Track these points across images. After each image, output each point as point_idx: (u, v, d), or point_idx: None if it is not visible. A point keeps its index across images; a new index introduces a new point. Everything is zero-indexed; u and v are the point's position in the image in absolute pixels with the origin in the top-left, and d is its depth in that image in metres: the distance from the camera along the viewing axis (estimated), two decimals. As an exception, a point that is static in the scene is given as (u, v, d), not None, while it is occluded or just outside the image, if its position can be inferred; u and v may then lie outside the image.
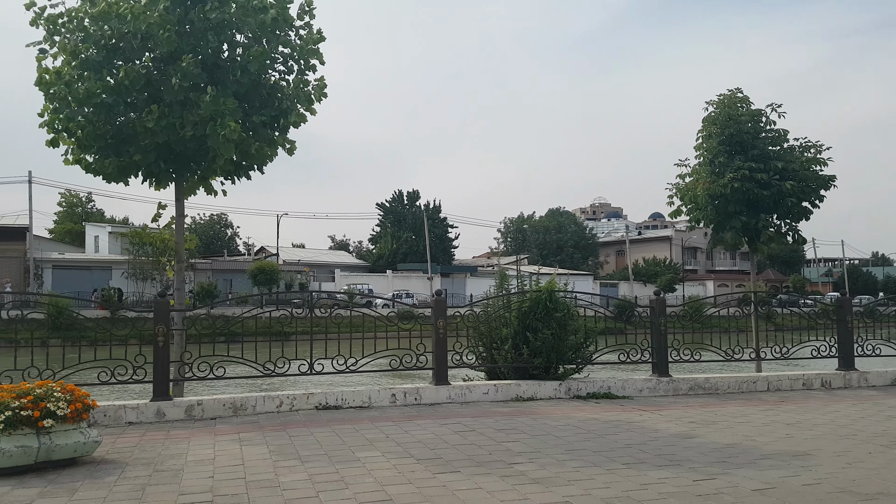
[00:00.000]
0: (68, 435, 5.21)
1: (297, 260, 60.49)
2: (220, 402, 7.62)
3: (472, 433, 6.48)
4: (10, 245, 47.11)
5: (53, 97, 7.23)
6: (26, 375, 6.89)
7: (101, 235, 55.59)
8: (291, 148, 8.65)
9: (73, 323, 28.30)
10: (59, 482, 4.84)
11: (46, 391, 5.18)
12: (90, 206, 72.24)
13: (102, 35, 7.15)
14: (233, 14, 7.51)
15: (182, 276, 8.66)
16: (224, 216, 77.15)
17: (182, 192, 8.47)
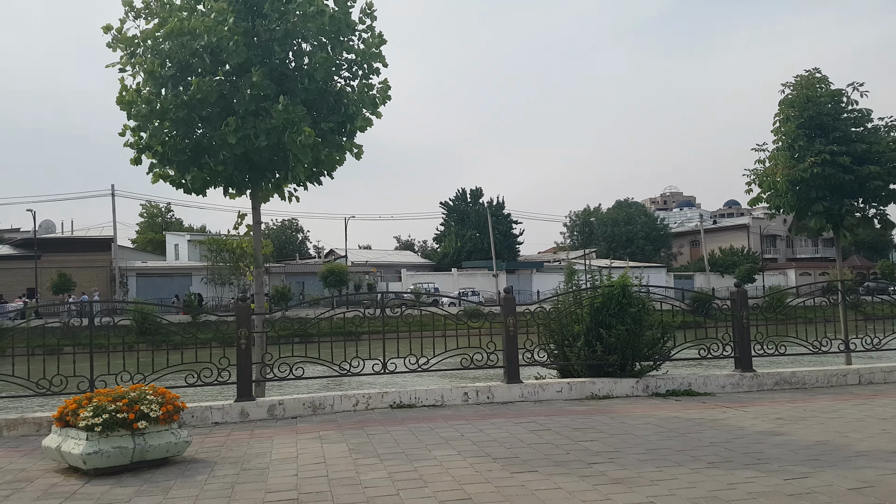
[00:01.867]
0: (161, 436, 5.48)
1: (364, 261, 61.59)
2: (300, 402, 7.84)
3: (547, 432, 6.42)
4: (97, 255, 50.00)
5: (134, 115, 7.63)
6: (119, 379, 7.31)
7: (180, 244, 58.24)
8: (359, 152, 8.80)
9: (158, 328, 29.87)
10: (153, 481, 5.10)
11: (140, 394, 5.46)
12: (169, 216, 75.77)
13: (175, 52, 7.47)
14: (295, 22, 7.71)
15: (261, 280, 8.95)
16: (295, 221, 79.43)
17: (258, 200, 8.76)
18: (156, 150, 7.80)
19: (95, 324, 8.38)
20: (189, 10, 7.66)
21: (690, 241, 77.60)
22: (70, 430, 5.32)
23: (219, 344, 8.20)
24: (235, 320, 7.69)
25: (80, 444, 5.15)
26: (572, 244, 76.45)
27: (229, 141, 7.40)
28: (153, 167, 8.10)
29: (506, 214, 67.43)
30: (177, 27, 7.18)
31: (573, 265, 10.63)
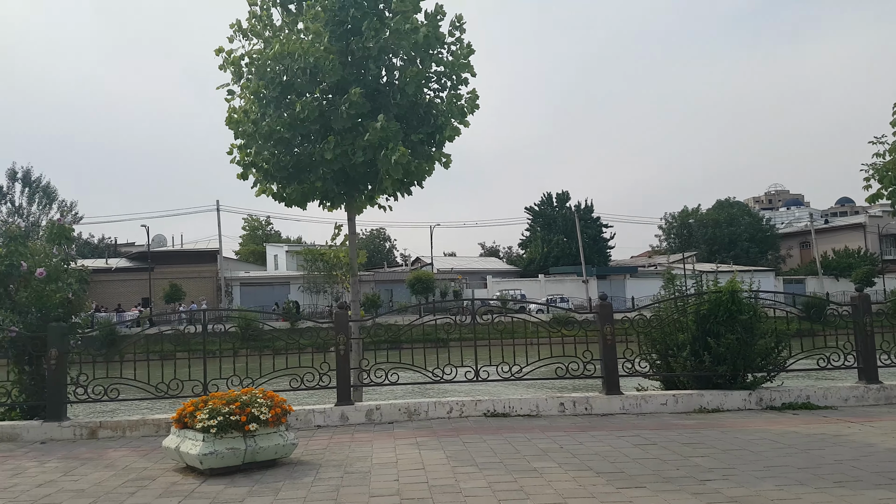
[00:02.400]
0: (270, 438, 5.70)
1: (449, 268, 62.05)
2: (396, 407, 7.96)
3: (653, 446, 6.17)
4: (204, 266, 53.16)
5: (241, 134, 8.06)
6: (230, 383, 7.70)
7: (279, 254, 60.98)
8: (447, 161, 8.88)
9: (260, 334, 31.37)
10: (263, 482, 5.30)
11: (251, 398, 5.71)
12: (269, 229, 79.63)
13: (278, 74, 7.83)
14: (388, 39, 7.89)
15: (357, 288, 9.20)
16: (382, 230, 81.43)
17: (353, 212, 9.02)
18: (260, 166, 8.20)
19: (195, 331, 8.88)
20: (289, 31, 8.01)
21: (800, 243, 72.66)
22: (188, 431, 5.63)
23: (315, 349, 8.46)
24: (334, 327, 7.92)
25: (196, 444, 5.44)
26: (669, 247, 73.68)
27: (327, 157, 7.66)
28: (258, 182, 8.51)
29: (595, 218, 65.87)
30: (278, 50, 7.53)
31: (672, 270, 10.19)
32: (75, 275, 9.75)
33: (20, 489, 5.22)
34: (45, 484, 5.38)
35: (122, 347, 8.90)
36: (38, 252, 9.47)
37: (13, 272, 8.91)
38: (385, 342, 8.84)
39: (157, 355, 8.41)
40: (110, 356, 8.65)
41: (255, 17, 8.29)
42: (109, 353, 8.90)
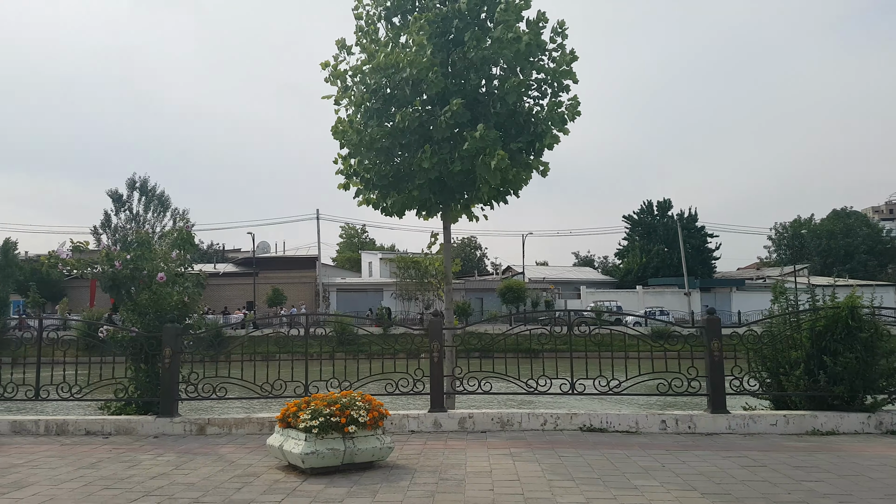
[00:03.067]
0: (367, 440, 5.83)
1: (541, 278, 61.35)
2: (489, 417, 7.93)
3: (762, 469, 5.81)
4: (304, 273, 55.39)
5: (346, 144, 8.34)
6: (329, 385, 7.94)
7: (373, 262, 62.64)
8: (545, 170, 8.78)
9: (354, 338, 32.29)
10: (361, 483, 5.42)
11: (350, 400, 5.86)
12: (364, 237, 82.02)
13: (381, 85, 8.05)
14: (489, 48, 7.92)
15: (451, 297, 9.27)
16: (474, 239, 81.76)
17: (448, 221, 9.10)
18: (362, 175, 8.44)
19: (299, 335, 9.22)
20: (392, 44, 8.22)
21: (924, 256, 66.70)
22: (291, 430, 5.85)
23: (406, 355, 8.57)
24: (428, 334, 8.01)
25: (299, 444, 5.64)
26: (779, 259, 69.52)
27: (425, 166, 7.77)
28: (359, 192, 8.76)
29: (699, 227, 63.09)
30: (382, 62, 7.74)
31: (783, 283, 9.57)
32: (192, 279, 10.40)
33: (136, 480, 5.58)
34: (159, 476, 5.73)
35: (229, 348, 9.37)
36: (159, 257, 10.17)
37: (137, 275, 9.60)
38: (476, 351, 8.84)
39: (260, 356, 8.78)
40: (217, 356, 9.15)
41: (361, 31, 8.58)
42: (216, 353, 9.41)
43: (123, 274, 9.59)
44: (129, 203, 64.31)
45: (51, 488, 5.31)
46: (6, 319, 36.05)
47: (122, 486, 5.40)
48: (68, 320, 27.15)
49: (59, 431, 7.94)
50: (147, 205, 64.93)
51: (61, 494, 5.12)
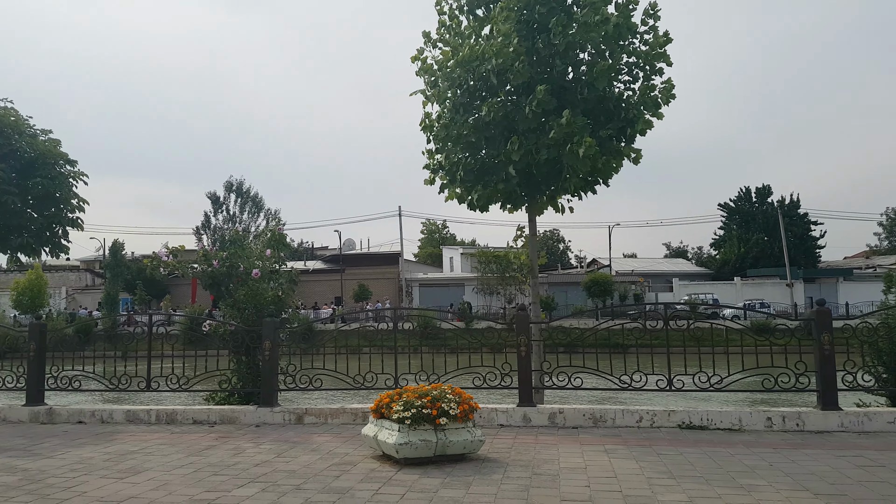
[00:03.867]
0: (458, 433, 5.85)
1: (629, 270, 59.67)
2: (580, 413, 7.77)
3: (881, 469, 5.41)
4: (387, 268, 56.52)
5: (434, 138, 8.38)
6: (418, 378, 8.04)
7: (454, 257, 63.03)
8: (637, 157, 8.50)
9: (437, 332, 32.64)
10: (454, 475, 5.44)
11: (440, 393, 5.90)
12: (445, 232, 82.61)
13: (465, 78, 8.03)
14: (575, 34, 7.73)
15: (537, 290, 9.16)
16: (556, 231, 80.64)
17: (534, 213, 8.99)
18: (448, 170, 8.47)
19: (386, 328, 9.39)
20: (476, 36, 8.18)
21: None
22: (384, 421, 5.96)
23: (490, 350, 8.54)
24: (515, 328, 7.94)
25: (392, 434, 5.74)
26: (892, 247, 64.55)
27: (512, 158, 7.69)
28: (444, 187, 8.79)
29: (801, 214, 59.27)
30: (467, 55, 7.72)
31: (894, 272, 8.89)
32: (285, 276, 10.80)
33: (241, 467, 5.84)
34: (262, 464, 5.97)
35: (321, 341, 9.64)
36: (253, 255, 10.63)
37: (233, 272, 10.07)
38: (560, 346, 8.70)
39: (349, 349, 8.99)
40: (310, 349, 9.46)
41: (443, 25, 8.59)
42: (310, 346, 9.73)
43: (220, 272, 10.08)
44: (226, 204, 67.60)
45: (164, 474, 5.64)
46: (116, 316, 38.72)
47: (229, 472, 5.67)
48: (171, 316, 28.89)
49: (169, 420, 8.43)
50: (242, 205, 68.01)
51: (173, 479, 5.43)
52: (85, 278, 62.87)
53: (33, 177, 11.75)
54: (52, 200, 12.07)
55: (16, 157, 11.78)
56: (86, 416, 8.59)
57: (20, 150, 11.77)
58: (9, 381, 9.01)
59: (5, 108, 11.98)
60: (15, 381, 8.98)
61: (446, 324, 16.28)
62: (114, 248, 54.84)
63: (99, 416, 8.58)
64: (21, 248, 12.20)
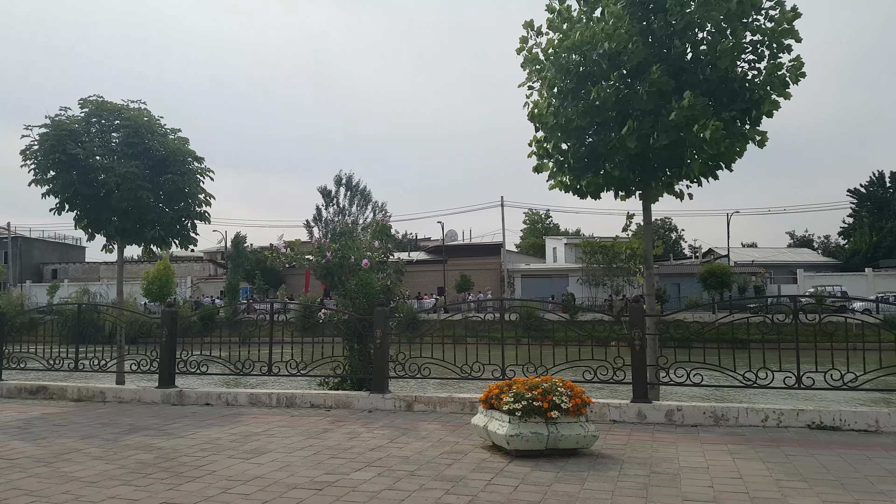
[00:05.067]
0: (570, 427, 5.73)
1: (749, 261, 56.33)
2: (700, 410, 7.43)
3: None
4: (489, 259, 56.60)
5: (542, 127, 8.24)
6: (525, 370, 7.96)
7: (557, 247, 62.06)
8: (762, 140, 7.96)
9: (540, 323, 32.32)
10: (567, 469, 5.34)
11: (551, 386, 5.81)
12: (548, 222, 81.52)
13: (575, 64, 7.82)
14: (694, 12, 7.33)
15: (651, 282, 8.81)
16: (668, 219, 77.35)
17: (648, 200, 8.64)
18: (556, 158, 8.30)
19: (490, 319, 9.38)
20: (587, 20, 7.95)
21: None
22: (494, 412, 5.95)
23: (595, 343, 8.32)
24: (629, 321, 7.68)
25: (503, 425, 5.71)
26: None
27: (627, 144, 7.43)
28: (553, 175, 8.63)
29: (944, 199, 53.81)
30: (577, 39, 7.51)
31: None
32: (393, 266, 11.06)
33: (357, 451, 6.03)
34: (376, 448, 6.14)
35: (427, 331, 9.79)
36: (363, 246, 10.96)
37: (345, 263, 10.42)
38: (673, 340, 8.32)
39: (450, 339, 9.07)
40: (417, 338, 9.64)
41: (552, 11, 8.40)
42: (418, 335, 9.91)
43: (333, 263, 10.47)
44: (336, 198, 70.24)
45: (285, 455, 5.92)
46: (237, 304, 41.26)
47: (346, 455, 5.87)
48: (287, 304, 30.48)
49: (289, 404, 8.86)
50: (351, 199, 70.44)
51: (295, 461, 5.69)
52: (208, 268, 67.56)
53: (164, 173, 12.69)
54: (182, 195, 12.98)
55: (148, 155, 12.76)
56: (212, 398, 9.18)
57: (152, 149, 12.73)
58: (143, 365, 9.77)
59: (139, 110, 13.00)
60: (149, 365, 9.72)
61: (550, 315, 16.01)
62: (235, 241, 58.51)
63: (224, 398, 9.15)
64: (154, 241, 13.23)
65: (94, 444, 6.45)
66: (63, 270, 70.32)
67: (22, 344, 10.81)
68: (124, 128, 12.58)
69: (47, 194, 12.19)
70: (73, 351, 10.37)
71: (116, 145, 12.65)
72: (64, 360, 10.28)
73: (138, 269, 56.57)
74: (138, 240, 13.27)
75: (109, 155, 12.49)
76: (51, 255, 73.15)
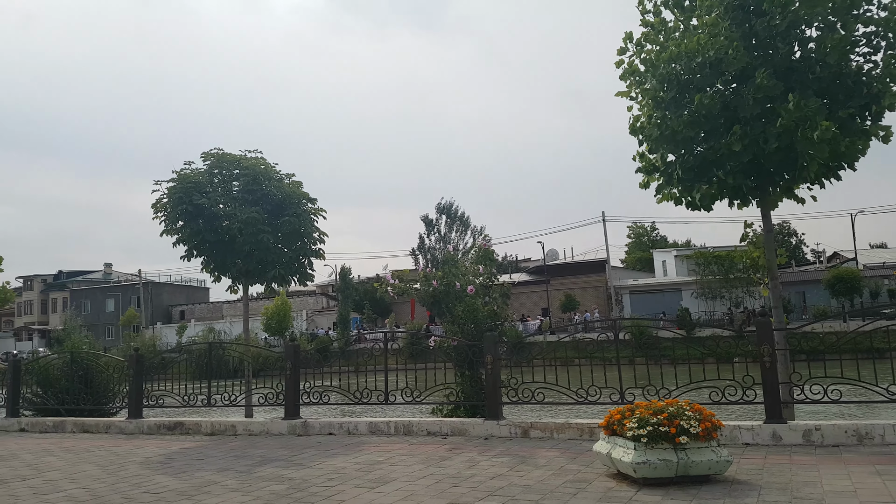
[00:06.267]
0: (701, 452, 5.46)
1: (880, 263, 51.62)
2: (841, 429, 6.88)
3: None
4: (594, 277, 55.26)
5: (645, 140, 8.06)
6: (645, 393, 7.68)
7: (667, 260, 59.62)
8: (886, 135, 7.39)
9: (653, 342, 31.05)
10: (701, 497, 5.08)
11: (678, 409, 5.57)
12: (654, 234, 78.74)
13: (675, 74, 7.61)
14: (798, 10, 6.97)
15: (777, 292, 8.31)
16: (786, 224, 72.49)
17: (767, 207, 8.20)
18: (663, 171, 8.08)
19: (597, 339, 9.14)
20: (684, 29, 7.75)
21: None
22: (617, 438, 5.76)
23: (715, 360, 7.90)
24: (756, 336, 7.25)
25: (628, 452, 5.53)
26: None
27: (734, 150, 7.12)
28: (661, 188, 8.39)
29: None
30: (674, 52, 7.34)
31: None
32: (498, 289, 11.09)
33: (478, 480, 6.02)
34: (497, 477, 6.10)
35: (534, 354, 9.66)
36: (468, 272, 11.07)
37: (450, 290, 10.57)
38: (801, 353, 7.76)
39: (562, 362, 8.90)
40: (523, 362, 9.54)
41: (646, 24, 8.25)
42: (523, 358, 9.81)
43: (440, 290, 10.64)
44: (437, 225, 71.43)
45: (408, 484, 6.02)
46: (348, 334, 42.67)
47: (467, 484, 5.89)
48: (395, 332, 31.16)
49: (406, 432, 9.02)
50: (451, 225, 71.33)
51: (418, 490, 5.77)
52: (321, 301, 70.46)
53: (282, 216, 13.51)
54: (298, 235, 13.77)
55: (267, 200, 13.65)
56: (335, 427, 9.50)
57: (270, 194, 13.63)
58: (270, 398, 10.29)
59: (256, 158, 13.96)
60: (275, 398, 10.23)
61: (664, 333, 15.39)
62: (342, 273, 60.75)
63: (346, 427, 9.45)
64: (275, 279, 14.04)
65: (230, 476, 6.84)
66: (190, 311, 75.68)
67: (156, 382, 11.68)
68: (243, 176, 13.55)
69: (177, 243, 13.26)
70: (204, 387, 11.09)
71: (237, 193, 13.63)
72: (198, 396, 10.99)
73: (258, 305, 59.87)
74: (261, 279, 14.13)
75: (231, 202, 13.46)
76: (178, 297, 79.03)
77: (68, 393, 12.66)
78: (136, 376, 11.18)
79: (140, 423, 10.87)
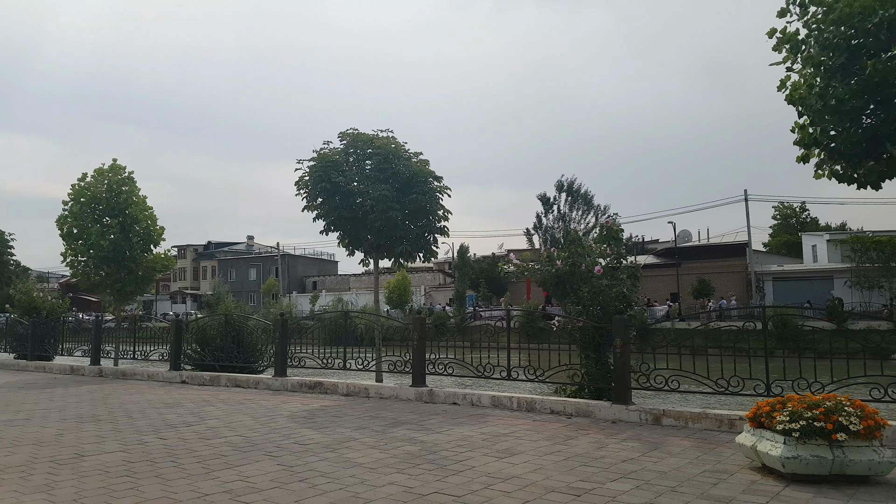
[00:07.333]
0: (861, 451, 5.00)
1: None
2: None
3: None
4: (732, 261, 51.86)
5: (806, 111, 7.39)
6: (796, 386, 7.16)
7: (818, 244, 54.53)
8: None
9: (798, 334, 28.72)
10: (858, 498, 4.67)
11: (836, 405, 5.12)
12: (804, 216, 72.47)
13: (842, 38, 6.88)
14: None
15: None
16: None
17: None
18: (825, 144, 7.38)
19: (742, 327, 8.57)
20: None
21: None
22: (764, 431, 5.40)
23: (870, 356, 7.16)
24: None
25: (777, 446, 5.16)
26: None
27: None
28: (820, 164, 7.68)
29: None
30: (845, 13, 6.63)
31: None
32: (626, 271, 10.68)
33: (608, 461, 5.87)
34: (628, 460, 5.92)
35: (669, 340, 9.23)
36: (594, 252, 10.73)
37: (575, 271, 10.32)
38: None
39: (687, 350, 8.48)
40: (646, 348, 9.15)
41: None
42: (642, 345, 9.40)
43: (564, 271, 10.42)
44: (556, 204, 70.17)
45: (536, 458, 6.01)
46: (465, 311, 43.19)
47: (597, 465, 5.77)
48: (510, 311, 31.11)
49: (529, 408, 9.00)
50: (572, 204, 69.75)
51: (546, 465, 5.74)
52: (438, 278, 71.95)
53: (410, 193, 13.90)
54: (424, 213, 14.12)
55: (396, 178, 14.09)
56: (458, 398, 9.68)
57: (399, 172, 14.06)
58: (399, 366, 10.75)
59: (387, 138, 14.40)
60: (403, 365, 10.66)
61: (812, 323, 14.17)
62: (461, 251, 61.45)
63: (469, 399, 9.60)
64: (402, 255, 14.48)
65: (367, 434, 7.23)
66: (321, 282, 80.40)
67: (293, 345, 12.51)
68: (375, 155, 14.07)
69: (317, 218, 14.02)
70: (335, 351, 11.76)
71: (369, 171, 14.16)
72: (334, 359, 11.67)
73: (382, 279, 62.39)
74: (390, 254, 14.63)
75: (364, 180, 14.03)
76: (311, 269, 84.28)
77: (222, 351, 13.87)
78: (281, 339, 12.06)
79: (285, 380, 11.76)
